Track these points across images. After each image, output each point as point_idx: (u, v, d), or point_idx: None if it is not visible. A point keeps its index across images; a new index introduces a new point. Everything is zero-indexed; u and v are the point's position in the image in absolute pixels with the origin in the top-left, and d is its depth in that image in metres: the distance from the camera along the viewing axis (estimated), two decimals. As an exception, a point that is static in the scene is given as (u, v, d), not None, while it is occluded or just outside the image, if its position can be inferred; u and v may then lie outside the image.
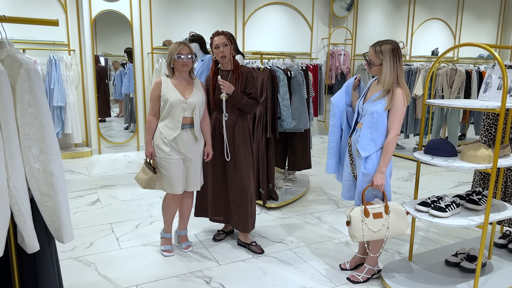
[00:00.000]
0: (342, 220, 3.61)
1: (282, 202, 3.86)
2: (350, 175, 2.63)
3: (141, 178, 2.75)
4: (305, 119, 3.98)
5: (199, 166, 2.83)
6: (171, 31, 6.44)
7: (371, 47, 2.44)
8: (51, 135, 1.31)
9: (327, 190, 4.46)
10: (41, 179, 1.30)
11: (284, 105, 3.72)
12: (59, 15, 5.79)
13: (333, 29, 7.99)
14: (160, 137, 2.70)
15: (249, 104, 2.82)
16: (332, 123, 2.75)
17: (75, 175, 4.99)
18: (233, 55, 2.84)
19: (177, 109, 2.65)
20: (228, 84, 2.73)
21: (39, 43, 5.67)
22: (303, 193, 4.21)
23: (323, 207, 3.94)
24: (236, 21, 7.03)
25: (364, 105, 2.50)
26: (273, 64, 3.81)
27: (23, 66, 1.27)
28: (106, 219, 3.57)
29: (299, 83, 3.91)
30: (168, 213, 2.91)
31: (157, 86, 2.70)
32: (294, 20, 7.63)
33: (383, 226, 2.36)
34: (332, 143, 2.76)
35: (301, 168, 4.28)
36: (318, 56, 7.96)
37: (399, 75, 2.39)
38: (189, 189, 2.83)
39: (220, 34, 2.78)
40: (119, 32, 6.29)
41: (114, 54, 6.99)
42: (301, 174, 4.81)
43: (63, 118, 5.81)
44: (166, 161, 2.71)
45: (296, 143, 4.20)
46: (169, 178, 2.73)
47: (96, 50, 6.62)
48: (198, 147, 2.79)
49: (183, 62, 2.64)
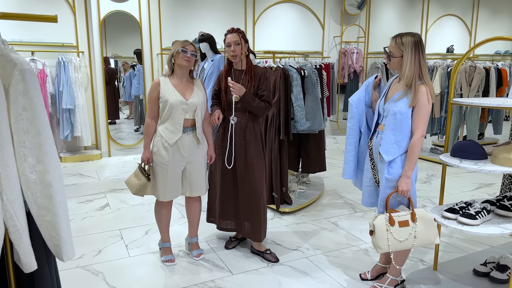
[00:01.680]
0: (360, 226, 3.44)
1: (296, 207, 3.71)
2: (371, 181, 2.46)
3: (133, 183, 2.61)
4: (320, 119, 3.83)
5: (202, 170, 2.69)
6: (181, 31, 6.33)
7: (392, 38, 2.29)
8: (48, 142, 1.19)
9: (342, 193, 4.30)
10: (38, 191, 1.18)
11: (298, 106, 3.57)
12: (67, 16, 5.72)
13: (345, 27, 7.81)
14: (160, 141, 2.56)
15: (261, 107, 2.67)
16: (350, 125, 2.59)
17: (85, 178, 4.91)
18: (247, 54, 2.70)
19: (178, 111, 2.52)
20: (239, 86, 2.59)
21: (47, 45, 5.60)
22: (317, 197, 4.05)
23: (339, 212, 3.77)
24: (246, 20, 6.89)
25: (386, 105, 2.34)
26: (285, 63, 3.67)
27: (17, 67, 1.14)
28: (115, 224, 3.46)
29: (313, 83, 3.75)
30: (161, 221, 2.78)
31: (155, 87, 2.55)
32: (305, 18, 7.47)
33: (410, 235, 2.19)
34: (350, 147, 2.59)
35: (316, 170, 4.12)
36: (330, 54, 7.78)
37: (422, 70, 2.22)
38: (193, 194, 2.71)
39: (233, 32, 2.64)
40: (128, 33, 6.20)
41: (124, 55, 6.93)
42: (315, 177, 4.65)
43: (72, 121, 5.74)
44: (163, 168, 2.57)
45: (310, 144, 4.04)
46: (162, 184, 2.59)
47: (106, 52, 6.55)
48: (200, 150, 2.66)
49: (185, 57, 2.50)
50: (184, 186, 2.70)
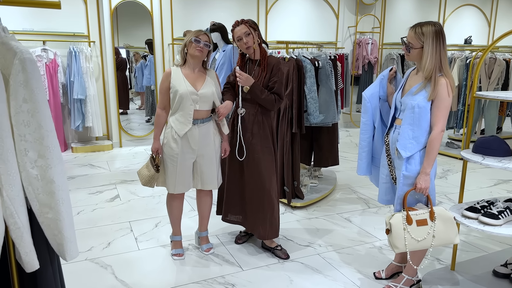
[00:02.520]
0: (374, 222, 3.35)
1: (308, 201, 3.63)
2: (388, 177, 2.37)
3: (143, 174, 2.59)
4: (333, 112, 3.72)
5: (214, 163, 2.61)
6: (192, 21, 6.24)
7: (411, 28, 2.17)
8: (50, 136, 1.13)
9: (355, 188, 4.20)
10: (39, 187, 1.12)
11: (311, 98, 3.47)
12: (79, 5, 5.68)
13: (360, 17, 7.62)
14: (170, 133, 2.51)
15: (270, 100, 2.56)
16: (364, 120, 2.48)
17: (95, 169, 4.89)
18: (259, 42, 2.60)
19: (188, 102, 2.45)
20: (246, 76, 2.49)
21: (59, 34, 5.57)
22: (330, 191, 3.97)
23: (352, 207, 3.69)
24: (258, 10, 6.76)
25: (403, 99, 2.23)
26: (299, 53, 3.56)
27: (17, 55, 1.08)
28: (125, 216, 3.43)
29: (327, 74, 3.64)
30: (172, 214, 2.74)
31: (166, 77, 2.50)
32: (319, 7, 7.31)
33: (428, 234, 2.10)
34: (363, 142, 2.49)
35: (328, 164, 4.03)
36: (344, 45, 7.61)
37: (442, 62, 2.10)
38: (204, 187, 2.65)
39: (240, 24, 2.54)
40: (140, 23, 6.14)
41: (136, 46, 6.88)
42: (327, 171, 4.55)
43: (84, 111, 5.72)
44: (172, 160, 2.53)
45: (323, 138, 3.95)
46: (172, 176, 2.55)
47: (118, 42, 6.51)
48: (213, 143, 2.59)
49: (198, 47, 2.43)
50: (196, 179, 2.64)
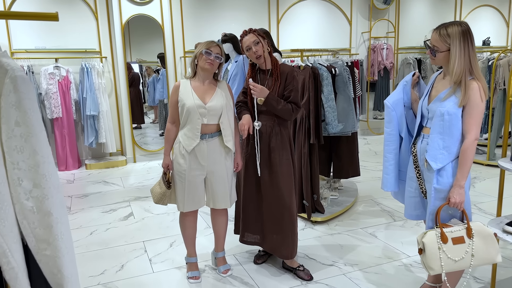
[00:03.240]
0: (401, 237, 3.15)
1: (329, 216, 3.45)
2: (416, 191, 2.19)
3: (155, 192, 2.48)
4: (352, 120, 3.56)
5: (226, 181, 2.47)
6: (203, 33, 6.17)
7: (435, 30, 2.00)
8: (46, 162, 1.00)
9: (378, 200, 4.00)
10: (36, 221, 1.00)
11: (329, 107, 3.32)
12: (90, 22, 5.67)
13: (374, 22, 7.46)
14: (179, 148, 2.40)
15: (287, 109, 2.42)
16: (388, 130, 2.30)
17: (109, 186, 4.81)
18: (269, 51, 2.48)
19: (195, 115, 2.33)
20: (260, 88, 2.36)
21: (71, 51, 5.56)
22: (351, 204, 3.78)
23: (376, 220, 3.49)
24: (270, 19, 6.67)
25: (430, 105, 2.06)
26: (314, 61, 3.42)
27: (8, 73, 0.97)
28: (139, 236, 3.31)
29: (345, 81, 3.49)
30: (185, 233, 2.60)
31: (175, 90, 2.40)
32: (331, 14, 7.18)
33: (466, 253, 1.91)
34: (389, 155, 2.31)
35: (349, 175, 3.85)
36: (359, 51, 7.45)
37: (472, 64, 1.93)
38: (216, 206, 2.51)
39: (249, 33, 2.43)
40: (152, 38, 6.10)
41: (148, 60, 6.87)
42: (348, 182, 4.37)
43: (97, 127, 5.68)
44: (181, 176, 2.40)
45: (343, 148, 3.78)
46: (180, 194, 2.43)
47: (130, 57, 6.49)
48: (224, 159, 2.44)
49: (208, 59, 2.31)
50: (208, 197, 2.51)
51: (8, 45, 5.25)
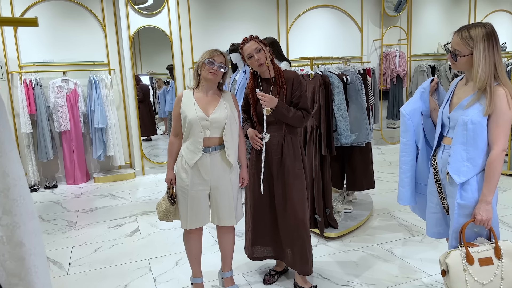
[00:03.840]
0: (420, 253, 2.96)
1: (343, 231, 3.27)
2: (438, 206, 2.02)
3: (160, 208, 2.37)
4: (366, 130, 3.40)
5: (231, 196, 2.33)
6: (212, 43, 6.10)
7: (456, 33, 1.85)
8: (18, 185, 0.89)
9: (394, 213, 3.81)
10: (6, 253, 0.88)
11: (341, 116, 3.17)
12: (98, 34, 5.65)
13: (385, 29, 7.31)
14: (181, 162, 2.28)
15: (298, 117, 2.31)
16: (404, 140, 2.14)
17: (117, 200, 4.71)
18: (271, 58, 2.36)
19: (197, 128, 2.21)
20: (270, 97, 2.25)
21: (78, 64, 5.54)
22: (366, 218, 3.60)
23: (393, 236, 3.30)
24: (279, 28, 6.58)
25: (452, 114, 1.90)
26: (325, 69, 3.28)
27: (-26, 86, 0.85)
28: (144, 253, 3.18)
29: (357, 89, 3.34)
30: (189, 252, 2.46)
31: (177, 102, 2.29)
32: (342, 22, 7.06)
33: (495, 276, 1.73)
34: (405, 166, 2.15)
35: (363, 188, 3.67)
36: (370, 59, 7.30)
37: (498, 69, 1.78)
38: (221, 223, 2.37)
39: (250, 40, 2.32)
40: (162, 50, 6.05)
41: (159, 72, 6.84)
42: (362, 194, 4.18)
43: (105, 140, 5.62)
44: (183, 192, 2.29)
45: (356, 159, 3.61)
46: (183, 210, 2.31)
47: (141, 69, 6.46)
48: (228, 174, 2.31)
49: (212, 69, 2.20)
50: (212, 214, 2.38)
51: (17, 59, 5.25)
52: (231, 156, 2.29)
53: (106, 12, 5.64)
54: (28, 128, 5.14)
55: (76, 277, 2.83)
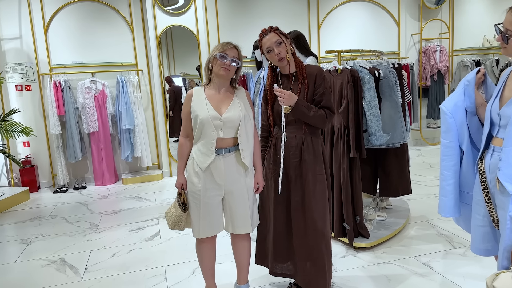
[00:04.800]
0: (462, 268, 2.62)
1: (375, 241, 2.98)
2: (485, 219, 1.71)
3: (170, 215, 2.19)
4: (401, 130, 3.09)
5: (246, 202, 2.13)
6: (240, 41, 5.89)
7: (510, 10, 1.55)
8: None
9: (433, 221, 3.46)
10: None
11: (372, 114, 2.88)
12: (126, 35, 5.62)
13: (425, 23, 6.85)
14: (192, 165, 2.10)
15: (320, 116, 2.07)
16: (445, 141, 1.83)
17: (142, 202, 4.63)
18: (293, 51, 2.14)
19: (209, 128, 2.02)
20: (288, 94, 2.02)
21: (107, 65, 5.53)
22: (402, 227, 3.27)
23: (431, 247, 2.97)
24: (310, 24, 6.31)
25: (503, 110, 1.60)
26: (354, 63, 3.01)
27: None
28: (161, 259, 3.04)
29: (391, 85, 3.04)
30: (202, 263, 2.28)
31: (187, 100, 2.11)
32: (377, 16, 6.68)
33: (557, 307, 1.42)
34: (447, 172, 1.84)
35: (398, 193, 3.35)
36: (408, 54, 6.87)
37: None
38: (236, 231, 2.16)
39: (269, 32, 2.10)
40: (194, 50, 5.95)
41: (192, 74, 6.77)
42: (398, 200, 3.85)
43: (132, 141, 5.59)
44: (195, 197, 2.10)
45: (390, 162, 3.30)
46: (195, 217, 2.13)
47: (174, 70, 6.41)
48: (243, 178, 2.11)
49: (223, 65, 2.01)
50: (226, 221, 2.18)
51: (47, 61, 5.31)
52: (247, 158, 2.09)
53: (133, 13, 5.61)
54: (57, 129, 5.18)
55: (89, 283, 2.73)
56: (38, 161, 5.45)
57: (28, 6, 5.16)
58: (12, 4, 5.13)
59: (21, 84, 5.27)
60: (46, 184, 5.53)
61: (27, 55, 5.24)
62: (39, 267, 3.02)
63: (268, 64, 2.22)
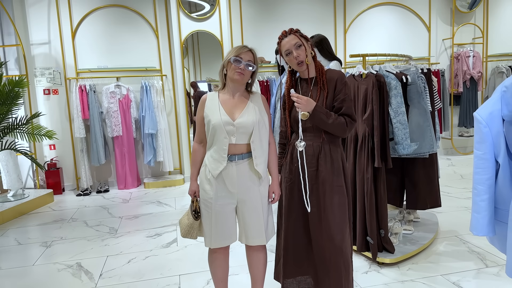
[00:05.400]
0: (497, 290, 2.42)
1: (400, 257, 2.80)
2: (525, 240, 1.54)
3: (183, 223, 2.14)
4: (430, 139, 2.91)
5: (260, 211, 2.03)
6: (264, 47, 5.85)
7: None
8: None
9: (465, 237, 3.24)
10: None
11: (399, 122, 2.72)
12: (151, 40, 5.66)
13: (457, 27, 6.58)
14: (204, 172, 2.03)
15: (340, 124, 1.95)
16: (479, 153, 1.67)
17: (162, 207, 4.61)
18: (313, 55, 2.03)
19: (221, 134, 1.95)
20: (306, 99, 1.91)
21: (131, 70, 5.58)
22: (430, 242, 3.08)
23: (462, 265, 2.77)
24: (336, 28, 6.17)
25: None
26: (380, 68, 2.86)
27: None
28: (176, 268, 2.97)
29: (420, 91, 2.87)
30: (214, 275, 2.19)
31: (201, 105, 2.04)
32: (407, 20, 6.46)
33: None
34: (481, 187, 1.67)
35: (426, 206, 3.16)
36: (439, 60, 6.60)
37: None
38: (249, 242, 2.06)
39: (289, 34, 2.00)
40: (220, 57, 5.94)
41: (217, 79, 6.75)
42: (426, 213, 3.64)
43: (155, 146, 5.60)
44: (207, 206, 2.03)
45: (418, 173, 3.11)
46: (207, 227, 2.05)
47: (200, 75, 6.41)
48: (257, 186, 2.01)
49: (238, 69, 1.93)
50: (240, 231, 2.09)
51: (74, 65, 5.40)
52: (260, 166, 1.99)
53: (158, 18, 5.64)
54: (81, 133, 5.25)
55: (103, 290, 2.69)
56: (63, 164, 5.54)
57: (57, 12, 5.28)
58: (42, 10, 5.26)
59: (48, 88, 5.38)
60: (70, 186, 5.60)
61: (55, 60, 5.35)
62: (55, 271, 3.02)
63: (287, 68, 2.12)
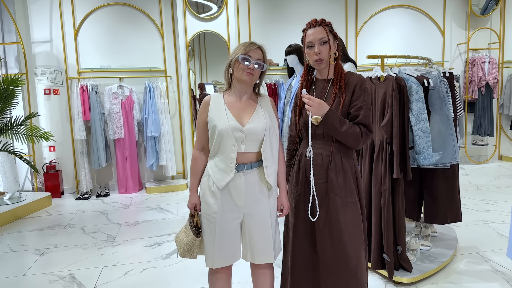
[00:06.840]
0: (528, 317, 2.19)
1: (418, 276, 2.57)
2: None
3: (180, 241, 1.90)
4: (452, 149, 2.68)
5: (268, 226, 1.82)
6: (273, 49, 5.66)
7: None
8: None
9: (487, 254, 3.00)
10: None
11: (420, 129, 2.50)
12: (156, 41, 5.49)
13: (473, 32, 6.35)
14: (207, 183, 1.81)
15: (353, 133, 1.73)
16: None
17: (163, 214, 4.40)
18: (337, 56, 1.81)
19: (229, 141, 1.73)
20: (318, 102, 1.70)
21: (135, 70, 5.40)
22: (450, 259, 2.84)
23: (485, 286, 2.53)
24: (347, 31, 5.96)
25: None
26: (399, 70, 2.65)
27: None
28: (175, 283, 2.76)
29: (442, 96, 2.65)
30: None
31: (204, 108, 1.83)
32: (420, 24, 6.25)
33: None
34: None
35: (446, 220, 2.92)
36: (453, 65, 6.37)
37: None
38: (255, 260, 1.85)
39: (317, 25, 1.79)
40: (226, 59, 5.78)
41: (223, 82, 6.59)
42: (443, 227, 3.40)
43: (158, 149, 5.40)
44: (209, 220, 1.81)
45: (438, 184, 2.88)
46: (209, 244, 1.83)
47: (206, 78, 6.24)
48: (266, 199, 1.81)
49: (247, 68, 1.72)
50: (244, 248, 1.88)
51: (76, 65, 5.24)
52: (271, 177, 1.79)
53: (164, 17, 5.47)
54: (82, 134, 5.07)
55: (96, 306, 2.49)
56: (62, 166, 5.36)
57: (59, 9, 5.12)
58: (44, 7, 5.10)
59: (49, 87, 5.22)
60: (70, 190, 5.42)
61: (56, 59, 5.19)
62: (46, 282, 2.82)
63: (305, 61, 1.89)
